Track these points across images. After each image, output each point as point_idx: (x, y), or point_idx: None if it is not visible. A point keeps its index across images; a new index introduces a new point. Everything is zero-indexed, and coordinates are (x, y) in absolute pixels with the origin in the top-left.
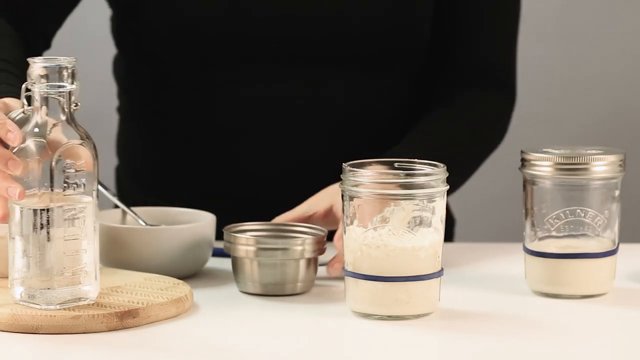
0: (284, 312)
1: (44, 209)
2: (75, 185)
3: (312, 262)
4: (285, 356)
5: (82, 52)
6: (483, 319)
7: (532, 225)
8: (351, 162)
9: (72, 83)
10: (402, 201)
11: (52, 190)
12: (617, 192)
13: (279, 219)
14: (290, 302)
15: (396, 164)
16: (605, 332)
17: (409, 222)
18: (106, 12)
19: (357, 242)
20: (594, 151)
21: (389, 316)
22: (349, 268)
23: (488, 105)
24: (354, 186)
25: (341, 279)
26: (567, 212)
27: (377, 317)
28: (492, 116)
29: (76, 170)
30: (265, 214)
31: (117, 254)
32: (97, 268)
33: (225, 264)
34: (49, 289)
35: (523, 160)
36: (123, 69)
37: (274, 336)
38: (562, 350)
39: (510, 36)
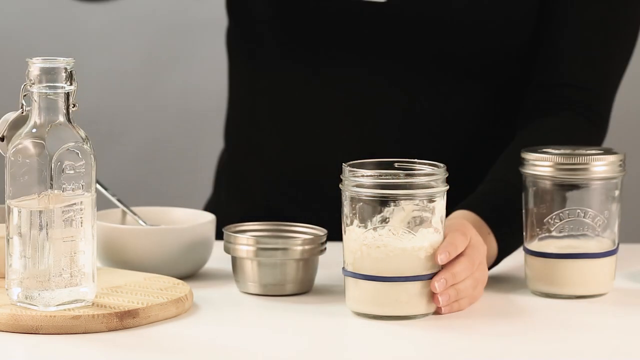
0: (284, 312)
1: (42, 210)
2: (73, 186)
3: (312, 262)
4: (285, 356)
5: (82, 53)
6: (483, 319)
7: (532, 225)
8: (351, 162)
9: (71, 84)
10: (402, 201)
11: (51, 191)
12: (617, 192)
13: None
14: (290, 302)
15: (396, 164)
16: (605, 332)
17: (408, 222)
18: (105, 14)
19: (357, 242)
20: (594, 151)
21: (388, 316)
22: (349, 268)
23: (577, 136)
24: (354, 186)
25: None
26: (567, 212)
27: (377, 317)
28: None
29: (75, 172)
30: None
31: (117, 254)
32: (95, 269)
33: (225, 264)
34: (46, 290)
35: (523, 160)
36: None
37: (274, 336)
38: (562, 350)
39: (616, 71)
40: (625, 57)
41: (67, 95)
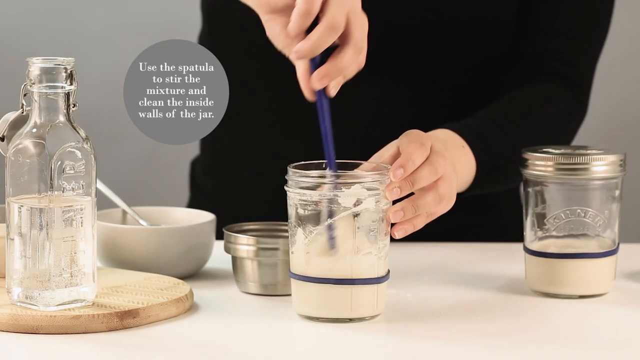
0: (284, 312)
1: (43, 210)
2: (74, 186)
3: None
4: (285, 356)
5: (82, 53)
6: (483, 318)
7: (532, 225)
8: (296, 164)
9: (71, 84)
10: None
11: (51, 191)
12: (617, 192)
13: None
14: (290, 302)
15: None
16: (605, 332)
17: (358, 226)
18: (105, 14)
19: (305, 246)
20: (594, 151)
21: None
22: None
23: (562, 100)
24: (299, 188)
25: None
26: (567, 212)
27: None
28: (565, 111)
29: (75, 171)
30: None
31: (117, 254)
32: (95, 269)
33: (225, 263)
34: (46, 290)
35: (523, 160)
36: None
37: (274, 336)
38: (561, 350)
39: (594, 46)
40: (602, 34)
41: (68, 95)
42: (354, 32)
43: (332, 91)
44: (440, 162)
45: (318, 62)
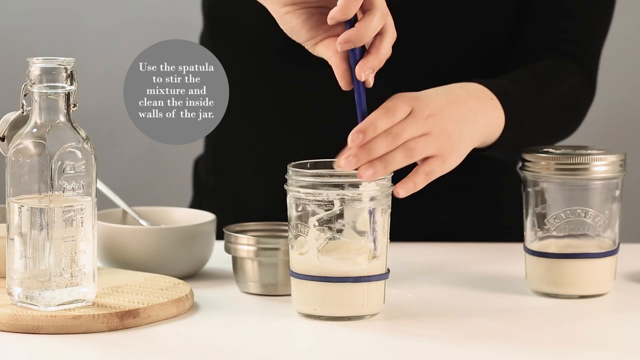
0: (284, 312)
1: (43, 210)
2: (74, 186)
3: None
4: (285, 356)
5: (82, 53)
6: (483, 318)
7: (533, 225)
8: (295, 163)
9: (71, 84)
10: (349, 202)
11: (51, 191)
12: (617, 192)
13: None
14: (290, 302)
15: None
16: (605, 332)
17: (355, 223)
18: (105, 14)
19: (307, 244)
20: (594, 151)
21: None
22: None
23: (575, 75)
24: (298, 187)
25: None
26: (568, 212)
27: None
28: (579, 86)
29: (75, 171)
30: None
31: (117, 254)
32: (96, 269)
33: (225, 264)
34: (47, 290)
35: (523, 160)
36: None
37: (274, 336)
38: (562, 350)
39: (599, 30)
40: (607, 17)
41: (68, 95)
42: (390, 21)
43: (371, 81)
44: (409, 128)
45: (358, 52)
